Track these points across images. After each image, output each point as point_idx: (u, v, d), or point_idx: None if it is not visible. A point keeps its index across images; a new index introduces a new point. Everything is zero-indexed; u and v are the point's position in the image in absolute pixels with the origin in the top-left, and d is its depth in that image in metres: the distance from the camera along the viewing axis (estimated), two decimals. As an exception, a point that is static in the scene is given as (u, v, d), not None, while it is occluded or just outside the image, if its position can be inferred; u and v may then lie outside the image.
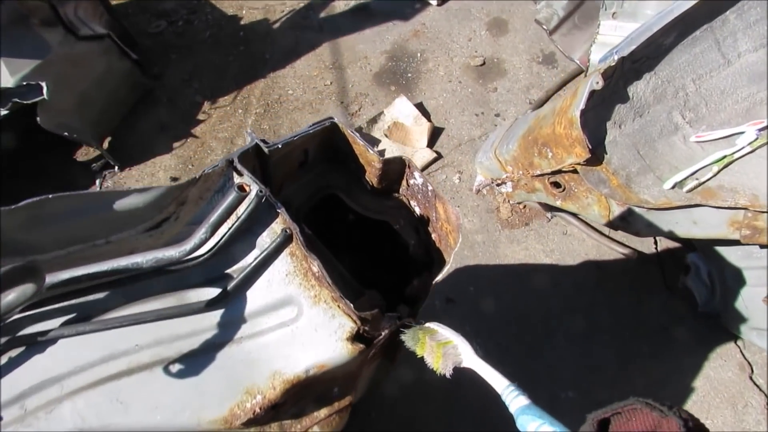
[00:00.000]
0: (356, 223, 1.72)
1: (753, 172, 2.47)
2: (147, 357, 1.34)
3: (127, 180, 3.97)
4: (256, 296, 1.37)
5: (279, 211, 1.32)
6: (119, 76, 3.97)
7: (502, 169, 3.14)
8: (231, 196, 1.24)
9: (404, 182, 1.64)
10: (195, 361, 1.35)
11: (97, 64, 3.80)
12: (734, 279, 2.88)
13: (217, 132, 4.12)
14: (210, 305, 1.34)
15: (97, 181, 3.94)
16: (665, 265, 3.33)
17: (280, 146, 1.41)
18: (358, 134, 1.51)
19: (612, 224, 2.80)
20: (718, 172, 2.53)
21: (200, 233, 1.26)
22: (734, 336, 3.12)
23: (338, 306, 1.33)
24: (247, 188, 1.26)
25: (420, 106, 4.02)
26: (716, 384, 3.03)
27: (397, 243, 1.73)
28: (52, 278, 1.24)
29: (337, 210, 1.74)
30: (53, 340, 1.30)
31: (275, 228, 1.35)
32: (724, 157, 2.52)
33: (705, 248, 3.01)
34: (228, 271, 1.39)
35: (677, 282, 3.20)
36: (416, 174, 1.56)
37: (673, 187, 2.55)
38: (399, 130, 3.88)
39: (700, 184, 2.53)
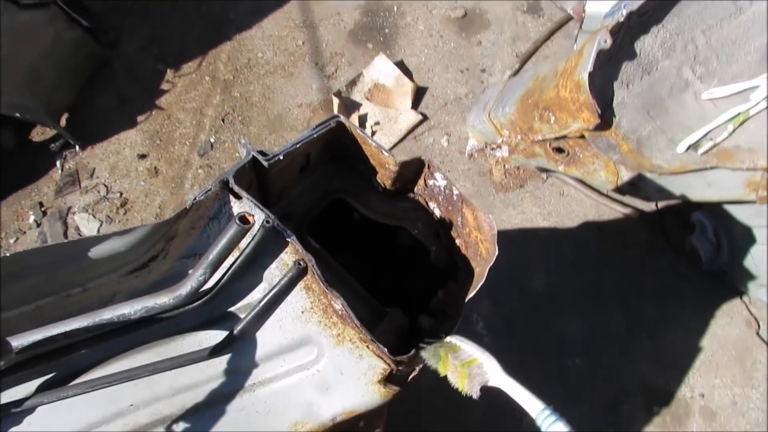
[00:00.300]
0: (367, 226, 1.52)
1: (770, 130, 2.33)
2: (145, 417, 1.14)
3: (90, 159, 3.68)
4: (267, 337, 1.18)
5: (289, 240, 1.12)
6: (70, 46, 3.60)
7: (498, 133, 2.95)
8: (232, 230, 1.02)
9: (421, 181, 1.43)
10: (202, 417, 1.16)
11: (44, 34, 3.43)
12: (743, 237, 2.77)
13: (183, 102, 3.81)
14: (214, 352, 1.14)
15: (58, 162, 3.65)
16: (667, 223, 3.22)
17: (281, 157, 1.19)
18: (368, 134, 1.29)
19: (620, 190, 2.65)
20: (734, 130, 2.37)
21: (198, 274, 1.05)
22: (739, 292, 3.04)
23: (367, 346, 1.14)
24: (250, 219, 1.04)
25: (401, 65, 3.76)
26: (724, 342, 2.97)
27: (415, 249, 1.53)
28: (20, 340, 1.02)
29: (343, 213, 1.54)
30: (31, 409, 1.09)
31: (285, 259, 1.15)
32: (739, 114, 2.36)
33: (712, 206, 2.89)
34: (232, 309, 1.19)
35: (680, 240, 3.10)
36: (437, 175, 1.35)
37: (687, 150, 2.39)
38: (380, 91, 3.63)
39: (715, 146, 2.37)
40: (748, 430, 2.75)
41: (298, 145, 1.22)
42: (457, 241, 1.45)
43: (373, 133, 3.52)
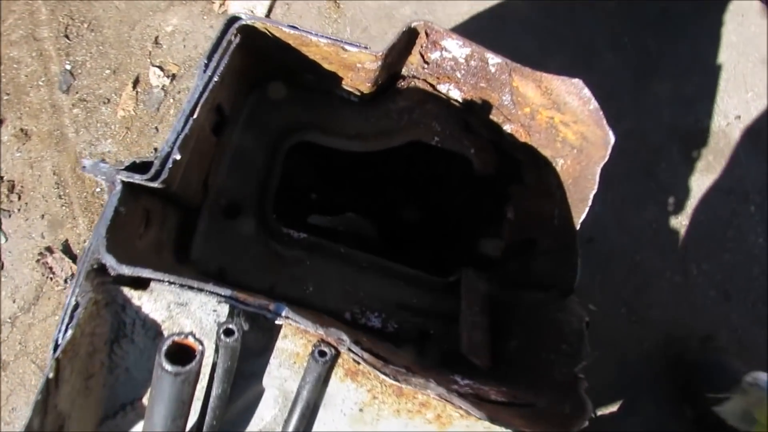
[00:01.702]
0: (359, 161, 0.93)
1: None
2: None
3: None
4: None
5: (283, 322, 0.56)
6: None
7: None
8: (166, 385, 0.46)
9: (414, 58, 0.82)
10: None
11: None
12: None
13: (7, 35, 2.91)
14: None
15: None
16: None
17: (177, 157, 0.58)
18: (303, 28, 0.66)
19: None
20: None
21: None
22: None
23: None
24: (194, 346, 0.48)
25: None
26: (743, 47, 2.51)
27: (446, 162, 0.95)
28: None
29: (315, 153, 0.93)
30: None
31: (287, 348, 0.59)
32: None
33: None
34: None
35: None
36: (449, 43, 0.74)
37: None
38: None
39: None
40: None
41: (194, 116, 0.60)
42: (507, 128, 0.88)
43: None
